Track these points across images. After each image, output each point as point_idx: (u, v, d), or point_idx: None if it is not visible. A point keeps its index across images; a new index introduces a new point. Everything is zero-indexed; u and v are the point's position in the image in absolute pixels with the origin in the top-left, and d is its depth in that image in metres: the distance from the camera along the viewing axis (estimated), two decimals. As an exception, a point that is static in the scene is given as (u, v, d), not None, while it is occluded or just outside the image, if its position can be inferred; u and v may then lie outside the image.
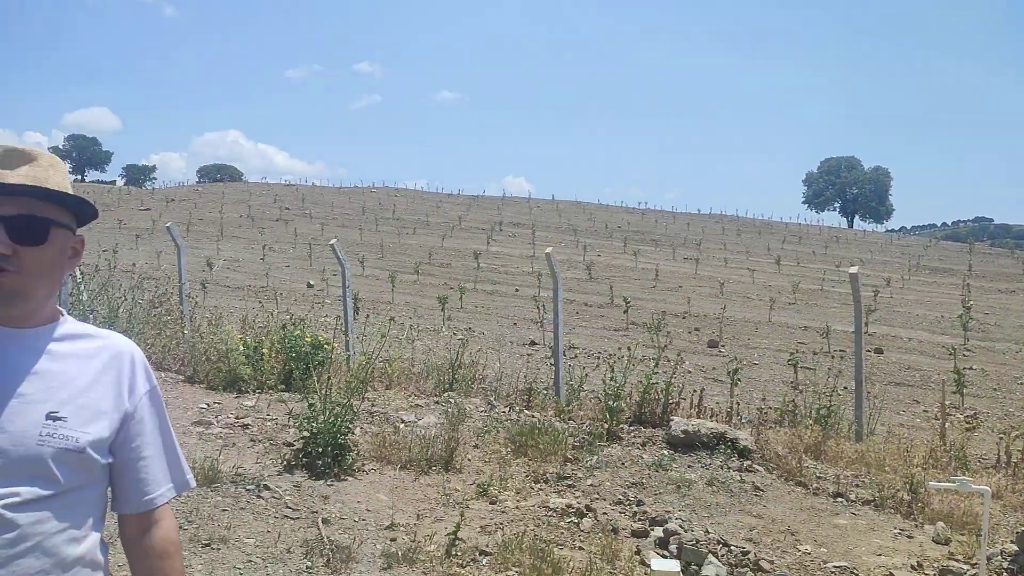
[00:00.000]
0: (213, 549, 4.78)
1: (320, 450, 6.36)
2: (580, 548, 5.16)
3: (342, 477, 6.31)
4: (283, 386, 9.38)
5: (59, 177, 1.61)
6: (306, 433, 6.56)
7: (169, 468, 1.74)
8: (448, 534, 4.98)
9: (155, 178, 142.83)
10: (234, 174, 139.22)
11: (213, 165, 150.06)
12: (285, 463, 6.49)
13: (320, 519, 5.39)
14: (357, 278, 27.73)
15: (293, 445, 6.87)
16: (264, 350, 9.59)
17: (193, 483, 1.82)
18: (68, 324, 1.68)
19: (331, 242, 11.44)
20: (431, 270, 41.46)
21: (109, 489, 1.71)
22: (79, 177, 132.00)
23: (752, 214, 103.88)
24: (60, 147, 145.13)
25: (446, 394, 9.40)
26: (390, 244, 52.07)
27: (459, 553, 4.87)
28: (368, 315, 19.22)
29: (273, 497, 5.76)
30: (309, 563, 4.70)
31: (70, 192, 1.62)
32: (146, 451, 1.70)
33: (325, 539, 5.01)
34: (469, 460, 6.99)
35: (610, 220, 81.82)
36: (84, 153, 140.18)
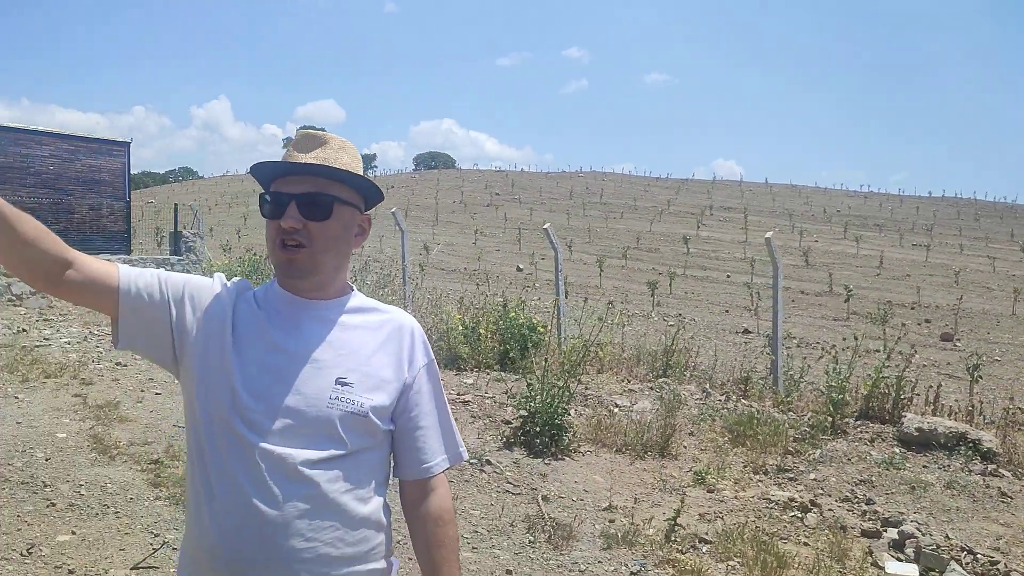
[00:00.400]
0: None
1: (538, 429, 6.52)
2: (805, 544, 4.96)
3: (559, 456, 6.43)
4: (498, 366, 9.69)
5: (348, 159, 1.71)
6: (524, 412, 6.74)
7: (444, 439, 1.81)
8: (667, 519, 4.94)
9: (376, 166, 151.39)
10: (447, 161, 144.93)
11: (428, 153, 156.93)
12: (504, 440, 6.70)
13: (540, 496, 5.52)
14: (565, 262, 27.98)
15: (511, 423, 7.09)
16: (481, 331, 9.94)
17: (466, 455, 1.87)
18: (356, 298, 1.79)
19: (545, 226, 11.62)
20: (639, 255, 41.20)
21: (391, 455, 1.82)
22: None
23: (992, 197, 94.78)
24: (292, 137, 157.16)
25: (660, 380, 9.32)
26: (597, 228, 52.23)
27: (678, 539, 4.82)
28: (586, 299, 19.36)
29: (495, 472, 5.97)
30: (531, 538, 4.83)
31: (360, 173, 1.71)
32: (423, 421, 1.77)
33: (546, 516, 5.13)
34: (685, 447, 6.91)
35: (828, 204, 77.61)
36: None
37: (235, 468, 1.58)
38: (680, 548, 4.73)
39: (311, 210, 1.64)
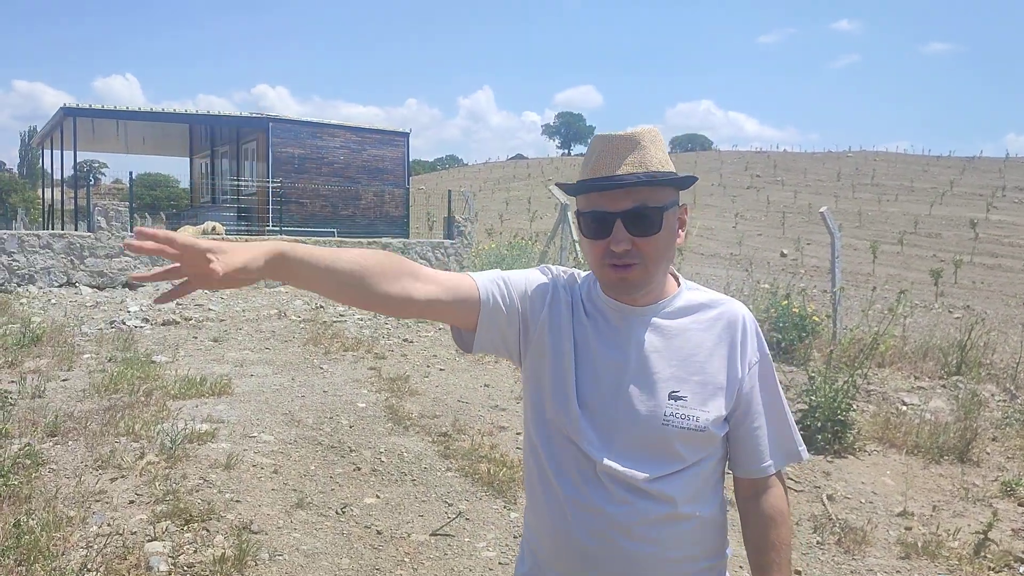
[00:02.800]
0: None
1: (819, 424, 6.20)
2: None
3: (842, 454, 6.08)
4: (768, 355, 9.33)
5: (659, 152, 1.59)
6: (804, 406, 6.44)
7: (781, 437, 1.72)
8: (976, 532, 4.51)
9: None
10: (704, 143, 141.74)
11: (684, 135, 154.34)
12: (781, 433, 6.44)
13: (825, 495, 5.25)
14: (834, 248, 26.38)
15: (788, 416, 6.80)
16: (751, 318, 9.61)
17: (806, 456, 1.76)
18: (684, 295, 1.70)
19: (821, 210, 11.00)
20: (917, 240, 37.94)
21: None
22: (566, 151, 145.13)
23: None
24: (551, 124, 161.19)
25: (953, 378, 8.52)
26: (869, 212, 48.75)
27: (990, 556, 4.38)
28: (874, 288, 18.17)
29: (774, 466, 5.76)
30: (819, 538, 4.61)
31: (670, 166, 1.61)
32: (758, 420, 1.69)
33: (833, 517, 4.87)
34: (988, 454, 6.27)
35: None
36: (571, 129, 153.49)
37: (576, 477, 1.62)
38: (993, 566, 4.30)
39: (639, 227, 1.55)
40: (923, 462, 6.04)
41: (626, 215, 1.54)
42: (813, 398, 6.32)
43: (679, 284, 1.73)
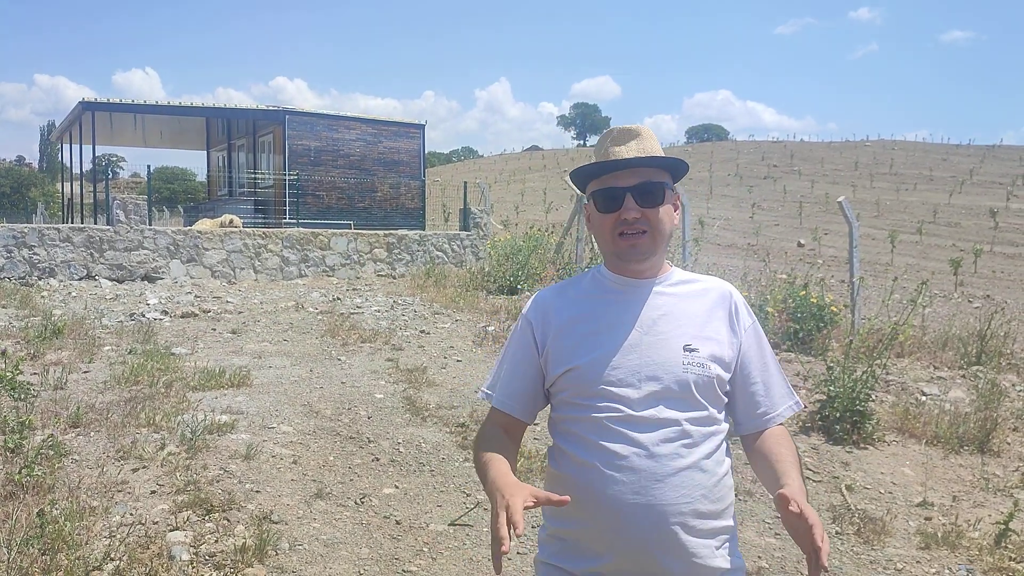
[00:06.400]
0: (740, 500, 4.93)
1: (838, 415, 6.17)
2: None
3: (861, 445, 6.05)
4: (784, 346, 9.29)
5: (656, 145, 1.89)
6: (822, 396, 6.41)
7: (778, 391, 1.89)
8: (996, 523, 4.48)
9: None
10: (720, 133, 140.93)
11: (700, 125, 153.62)
12: (800, 424, 6.43)
13: (843, 486, 5.24)
14: (852, 238, 26.17)
15: (806, 407, 6.78)
16: (769, 309, 9.58)
17: (801, 405, 1.94)
18: (677, 273, 1.95)
19: (840, 199, 10.93)
20: (936, 230, 37.62)
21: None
22: (581, 142, 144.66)
23: None
24: (566, 115, 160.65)
25: (973, 368, 8.46)
26: (887, 201, 48.40)
27: (1011, 546, 4.35)
28: (895, 278, 18.05)
29: (792, 456, 5.75)
30: (838, 529, 4.60)
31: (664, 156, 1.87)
32: (756, 377, 1.88)
33: (852, 507, 4.86)
34: (1008, 444, 6.22)
35: None
36: (586, 120, 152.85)
37: (607, 435, 1.76)
38: (1014, 556, 4.27)
39: (646, 198, 1.82)
40: (943, 452, 6.01)
41: (634, 189, 1.82)
42: (831, 388, 6.29)
43: (671, 266, 1.98)
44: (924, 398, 7.24)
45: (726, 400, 1.87)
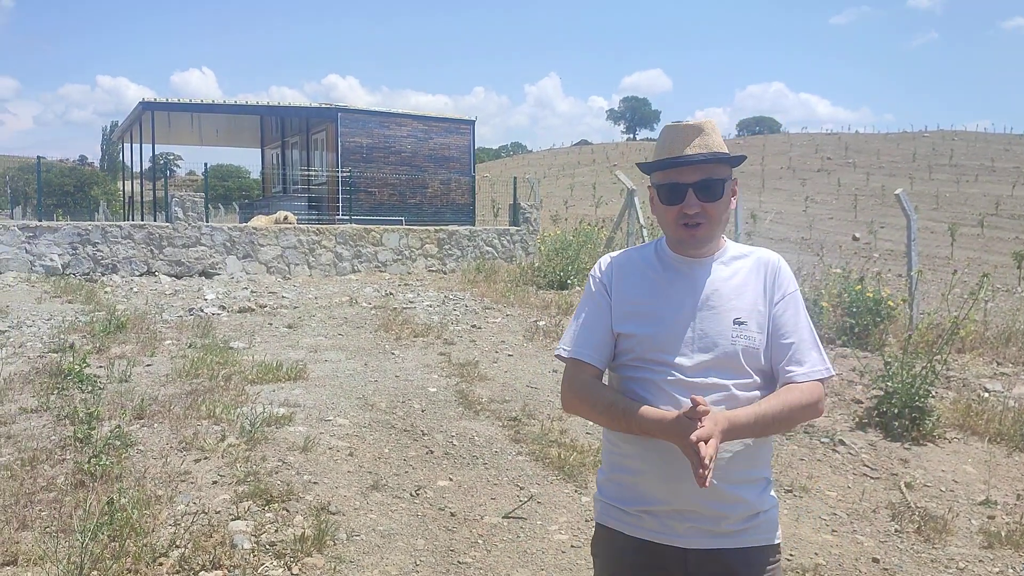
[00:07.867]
0: (795, 496, 4.88)
1: (896, 411, 6.07)
2: None
3: (920, 442, 5.94)
4: (840, 341, 9.14)
5: (718, 138, 2.03)
6: (879, 392, 6.31)
7: (811, 354, 2.00)
8: (1063, 523, 4.37)
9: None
10: (772, 126, 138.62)
11: (752, 118, 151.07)
12: (856, 420, 6.33)
13: (903, 483, 5.15)
14: (910, 231, 25.52)
15: (862, 402, 6.68)
16: (824, 303, 9.44)
17: (832, 371, 2.03)
18: (731, 248, 2.11)
19: (897, 192, 10.72)
20: (999, 222, 36.61)
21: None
22: (631, 136, 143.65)
23: None
24: (616, 109, 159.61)
25: (1038, 364, 8.24)
26: (946, 193, 47.21)
27: (1078, 546, 4.24)
28: (955, 271, 17.64)
29: (849, 453, 5.67)
30: (897, 526, 4.52)
31: (725, 149, 2.03)
32: (790, 337, 2.00)
33: (912, 505, 4.77)
34: (1075, 442, 6.05)
35: None
36: (636, 114, 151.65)
37: (660, 396, 1.95)
38: (1081, 556, 4.16)
39: (706, 194, 1.99)
40: (1006, 450, 5.87)
41: (696, 185, 1.99)
42: (889, 384, 6.19)
43: (725, 242, 2.14)
44: (987, 394, 7.08)
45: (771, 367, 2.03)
